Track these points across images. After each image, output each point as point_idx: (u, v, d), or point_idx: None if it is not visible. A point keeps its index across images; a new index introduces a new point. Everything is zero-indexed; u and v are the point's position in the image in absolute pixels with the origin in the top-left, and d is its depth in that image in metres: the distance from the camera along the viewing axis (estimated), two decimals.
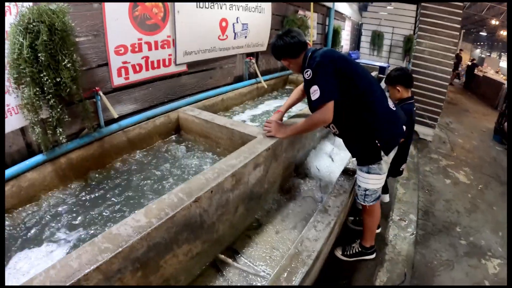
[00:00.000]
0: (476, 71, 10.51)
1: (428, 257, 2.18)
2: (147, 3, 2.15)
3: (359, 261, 1.97)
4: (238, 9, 3.04)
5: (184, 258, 1.34)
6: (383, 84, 2.71)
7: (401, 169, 2.23)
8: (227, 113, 3.14)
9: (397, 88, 2.04)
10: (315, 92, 1.48)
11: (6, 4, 1.52)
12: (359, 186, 1.76)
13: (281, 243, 1.68)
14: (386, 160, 1.66)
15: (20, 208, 1.64)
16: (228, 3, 2.88)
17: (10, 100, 1.61)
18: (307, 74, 1.52)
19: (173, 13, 2.33)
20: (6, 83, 1.57)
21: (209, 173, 1.45)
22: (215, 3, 2.71)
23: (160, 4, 2.24)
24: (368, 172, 1.68)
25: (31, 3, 1.56)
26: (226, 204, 1.50)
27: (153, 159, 2.20)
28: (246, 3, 3.12)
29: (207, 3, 2.61)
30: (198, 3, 2.53)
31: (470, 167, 3.75)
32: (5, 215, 1.57)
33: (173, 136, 2.53)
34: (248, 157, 1.61)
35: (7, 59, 1.53)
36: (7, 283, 0.91)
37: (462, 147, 4.52)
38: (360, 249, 1.96)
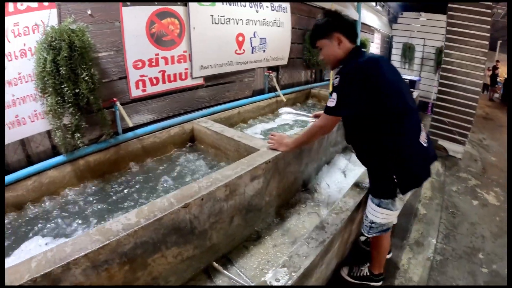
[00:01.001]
0: None
1: (442, 284, 2.03)
2: (163, 21, 2.30)
3: (364, 285, 1.89)
4: (255, 24, 3.12)
5: (174, 260, 1.39)
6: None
7: None
8: (244, 125, 3.20)
9: None
10: (331, 100, 1.39)
11: (34, 23, 1.73)
12: (367, 216, 1.65)
13: (276, 257, 1.67)
14: (402, 198, 1.50)
15: (39, 201, 1.83)
16: (244, 19, 2.97)
17: (37, 106, 1.82)
18: (336, 80, 1.40)
19: (189, 29, 2.47)
20: (34, 92, 1.79)
21: (204, 181, 1.50)
22: (230, 19, 2.82)
23: (176, 21, 2.39)
24: (379, 206, 1.55)
25: (56, 24, 1.76)
26: (219, 213, 1.53)
27: (164, 167, 2.30)
28: (264, 18, 3.20)
29: (222, 19, 2.73)
30: (213, 19, 2.65)
31: (501, 188, 3.44)
32: (26, 205, 1.77)
33: (187, 146, 2.63)
34: (245, 169, 1.64)
35: (34, 71, 1.73)
36: (17, 261, 1.06)
37: (495, 165, 4.17)
38: (368, 274, 1.88)
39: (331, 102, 1.39)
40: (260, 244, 1.77)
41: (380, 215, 1.56)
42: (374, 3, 6.62)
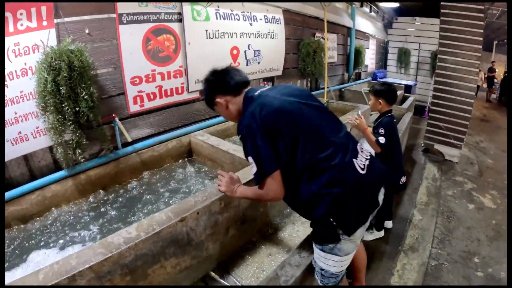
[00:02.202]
0: None
1: None
2: (159, 38, 2.39)
3: None
4: (249, 37, 3.22)
5: (173, 270, 1.45)
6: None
7: (401, 183, 2.19)
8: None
9: (380, 100, 2.10)
10: (252, 165, 1.17)
11: (34, 43, 1.82)
12: (315, 261, 1.34)
13: (271, 265, 1.71)
14: (351, 239, 1.19)
15: (43, 215, 1.91)
16: (238, 32, 3.06)
17: (39, 123, 1.91)
18: (241, 143, 1.21)
19: (184, 45, 2.56)
20: (35, 109, 1.87)
21: (199, 196, 1.56)
22: (224, 33, 2.90)
23: (171, 37, 2.48)
24: (323, 251, 1.25)
25: (55, 43, 1.85)
26: (215, 225, 1.59)
27: (162, 179, 2.37)
28: (258, 30, 3.29)
29: (216, 33, 2.82)
30: (207, 34, 2.74)
31: (498, 190, 3.47)
32: (30, 220, 1.85)
33: (185, 158, 2.70)
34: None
35: (35, 90, 1.81)
36: (25, 273, 1.13)
37: (492, 168, 4.20)
38: None
39: (253, 168, 1.17)
40: (255, 253, 1.82)
41: (326, 261, 1.26)
42: (368, 10, 6.72)
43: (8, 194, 1.78)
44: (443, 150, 4.29)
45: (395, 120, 2.13)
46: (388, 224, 2.55)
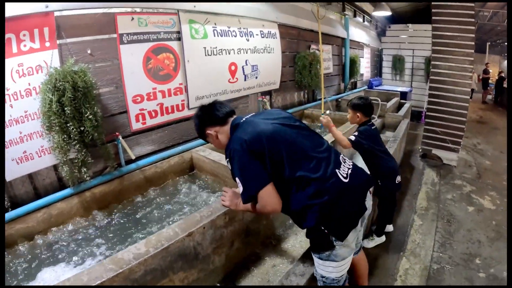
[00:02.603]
0: (505, 84, 9.90)
1: None
2: (159, 56, 2.47)
3: None
4: (246, 52, 3.31)
5: (180, 284, 1.49)
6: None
7: (397, 182, 2.25)
8: None
9: (357, 114, 2.19)
10: (240, 187, 1.24)
11: (38, 63, 1.88)
12: (316, 270, 1.41)
13: (276, 276, 1.76)
14: (345, 244, 1.26)
15: (50, 232, 1.96)
16: (236, 48, 3.16)
17: (44, 142, 1.97)
18: (229, 164, 1.30)
19: (184, 63, 2.65)
20: (40, 129, 1.93)
21: (204, 211, 1.61)
22: (222, 50, 2.99)
23: (171, 56, 2.56)
24: (320, 258, 1.33)
25: (58, 64, 1.92)
26: (220, 238, 1.64)
27: (166, 195, 2.42)
28: (254, 45, 3.39)
29: (215, 50, 2.91)
30: (206, 51, 2.83)
31: (497, 191, 3.52)
32: (37, 236, 1.89)
33: (187, 174, 2.76)
34: None
35: (40, 110, 1.86)
36: None
37: (490, 169, 4.26)
38: None
39: (240, 188, 1.25)
40: (260, 264, 1.86)
41: (325, 268, 1.33)
42: (361, 20, 6.87)
43: (15, 213, 1.82)
44: (441, 154, 4.34)
45: (374, 127, 2.23)
46: (389, 228, 2.60)
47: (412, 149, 4.99)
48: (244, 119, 1.38)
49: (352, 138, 2.16)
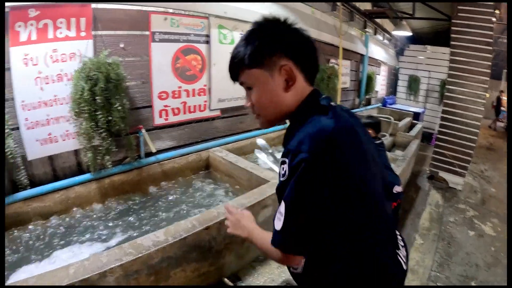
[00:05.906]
0: None
1: None
2: (187, 57, 2.60)
3: None
4: None
5: (192, 274, 1.60)
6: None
7: (394, 192, 2.29)
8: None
9: (369, 131, 2.27)
10: (278, 217, 0.79)
11: (72, 51, 1.98)
12: None
13: (280, 276, 1.85)
14: None
15: (66, 213, 2.06)
16: None
17: (70, 127, 2.06)
18: (283, 169, 0.77)
19: (209, 65, 2.77)
20: (67, 114, 2.01)
21: (221, 208, 1.72)
22: None
23: (198, 57, 2.68)
24: None
25: (91, 54, 2.02)
26: (233, 236, 1.72)
27: (181, 190, 2.53)
28: None
29: None
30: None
31: (499, 219, 3.56)
32: (54, 216, 1.98)
33: (203, 172, 2.87)
34: (257, 199, 1.87)
35: (70, 96, 1.95)
36: (48, 268, 1.25)
37: (494, 196, 4.29)
38: None
39: (278, 223, 0.79)
40: (266, 264, 1.96)
41: None
42: (381, 38, 6.95)
43: (35, 191, 1.91)
44: (447, 177, 4.39)
45: (380, 141, 2.37)
46: None
47: (420, 169, 5.03)
48: (333, 103, 0.86)
49: None
